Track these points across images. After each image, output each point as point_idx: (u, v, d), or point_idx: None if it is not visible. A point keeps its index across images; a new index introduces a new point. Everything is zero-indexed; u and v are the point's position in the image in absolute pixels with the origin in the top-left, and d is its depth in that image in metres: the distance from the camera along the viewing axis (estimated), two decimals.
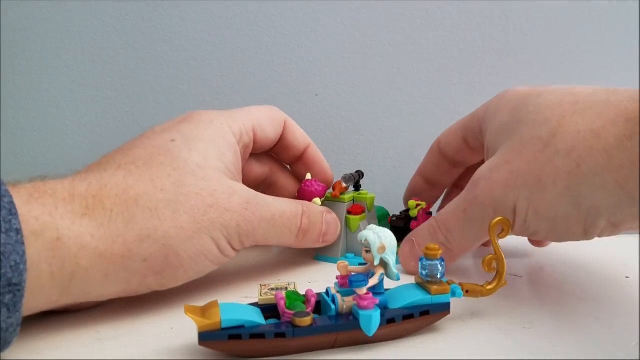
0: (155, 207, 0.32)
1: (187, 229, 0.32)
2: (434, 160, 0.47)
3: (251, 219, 0.35)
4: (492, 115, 0.38)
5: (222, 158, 0.36)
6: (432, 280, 0.31)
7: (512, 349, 0.30)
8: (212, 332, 0.28)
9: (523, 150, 0.33)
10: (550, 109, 0.33)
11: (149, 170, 0.33)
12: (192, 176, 0.34)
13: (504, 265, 0.32)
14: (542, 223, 0.33)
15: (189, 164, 0.34)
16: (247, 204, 0.35)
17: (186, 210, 0.32)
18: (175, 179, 0.33)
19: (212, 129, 0.37)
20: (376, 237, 0.30)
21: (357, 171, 0.48)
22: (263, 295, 0.35)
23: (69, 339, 0.31)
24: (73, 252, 0.29)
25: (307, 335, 0.28)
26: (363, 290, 0.29)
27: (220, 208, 0.34)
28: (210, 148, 0.36)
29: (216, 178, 0.35)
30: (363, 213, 0.46)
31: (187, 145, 0.35)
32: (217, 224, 0.33)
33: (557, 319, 0.33)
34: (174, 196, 0.32)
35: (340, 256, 0.45)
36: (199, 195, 0.33)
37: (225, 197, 0.34)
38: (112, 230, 0.30)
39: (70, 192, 0.30)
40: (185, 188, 0.33)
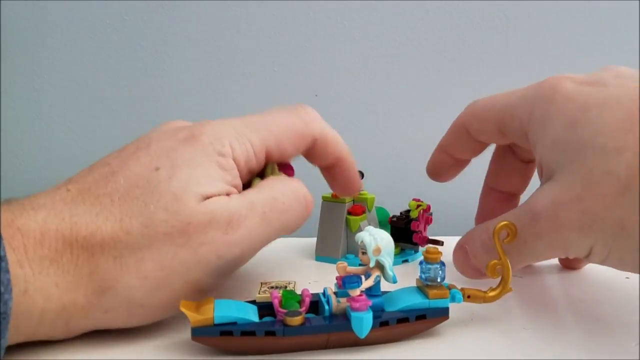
0: (119, 256, 0.29)
1: (152, 278, 0.30)
2: (460, 141, 0.41)
3: (235, 240, 0.31)
4: (540, 124, 0.33)
5: (210, 182, 0.32)
6: (432, 284, 0.31)
7: (512, 350, 0.30)
8: (205, 327, 0.28)
9: (596, 188, 0.29)
10: (620, 130, 0.29)
11: (122, 205, 0.30)
12: (163, 212, 0.30)
13: (509, 271, 0.31)
14: (627, 266, 0.30)
15: (163, 197, 0.30)
16: (227, 226, 0.31)
17: (152, 257, 0.30)
18: (145, 217, 0.30)
19: (208, 152, 0.33)
20: (372, 238, 0.30)
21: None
22: (261, 294, 0.35)
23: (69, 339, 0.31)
24: (39, 305, 0.28)
25: (297, 335, 0.28)
26: (356, 291, 0.28)
27: (194, 244, 0.30)
28: (197, 172, 0.32)
29: (190, 207, 0.30)
30: (363, 214, 0.46)
31: (170, 173, 0.31)
32: (190, 264, 0.30)
33: (557, 319, 0.33)
34: (140, 240, 0.30)
35: (340, 257, 0.45)
36: (168, 236, 0.30)
37: (201, 228, 0.30)
38: (77, 280, 0.29)
39: (42, 231, 0.29)
40: (153, 229, 0.30)
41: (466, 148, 0.41)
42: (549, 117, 0.33)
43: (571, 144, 0.31)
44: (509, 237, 0.32)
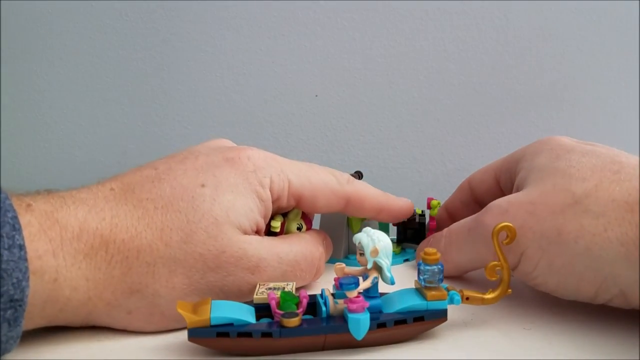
0: (153, 263, 0.31)
1: (178, 290, 0.31)
2: (461, 197, 0.45)
3: (255, 282, 0.34)
4: (529, 157, 0.37)
5: (248, 214, 0.34)
6: (430, 285, 0.30)
7: (512, 350, 0.30)
8: (201, 328, 0.28)
9: (551, 198, 0.33)
10: (591, 170, 0.33)
11: (164, 215, 0.32)
12: (203, 233, 0.32)
13: (509, 273, 0.31)
14: (553, 277, 0.32)
15: (205, 218, 0.32)
16: (254, 269, 0.33)
17: (184, 272, 0.31)
18: (185, 233, 0.32)
19: (250, 180, 0.35)
20: (369, 240, 0.30)
21: (356, 171, 0.48)
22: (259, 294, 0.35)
23: (69, 339, 0.31)
24: (66, 294, 0.29)
25: (294, 336, 0.28)
26: (353, 293, 0.28)
27: (223, 272, 0.32)
28: (238, 202, 0.34)
29: (228, 237, 0.33)
30: None
31: (214, 194, 0.33)
32: (214, 288, 0.32)
33: (557, 319, 0.33)
34: (177, 253, 0.31)
35: (342, 257, 0.45)
36: (202, 257, 0.32)
37: (232, 260, 0.33)
38: (107, 278, 0.30)
39: (81, 227, 0.30)
40: (191, 246, 0.32)
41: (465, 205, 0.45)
42: (538, 153, 0.37)
43: (547, 170, 0.35)
44: (508, 239, 0.32)
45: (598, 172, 0.33)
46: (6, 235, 0.26)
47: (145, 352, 0.29)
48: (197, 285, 0.32)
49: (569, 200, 0.32)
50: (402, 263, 0.45)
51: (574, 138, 0.38)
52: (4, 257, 0.26)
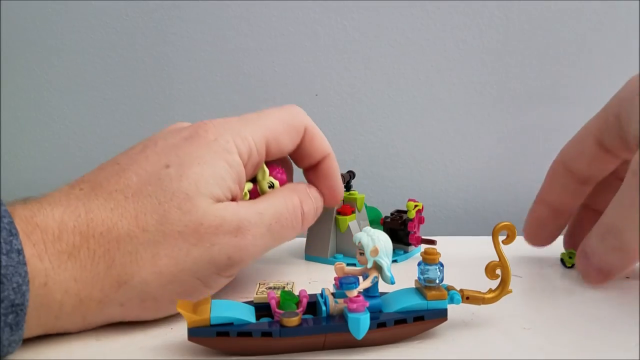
0: (135, 251, 0.31)
1: (166, 273, 0.31)
2: (559, 182, 0.41)
3: (243, 245, 0.33)
4: (630, 101, 0.34)
5: (219, 182, 0.33)
6: (430, 285, 0.30)
7: (512, 349, 0.30)
8: (201, 328, 0.28)
9: None
10: None
11: (135, 202, 0.32)
12: (176, 211, 0.32)
13: (509, 272, 0.31)
14: None
15: (176, 196, 0.32)
16: (237, 231, 0.33)
17: (167, 253, 0.31)
18: (159, 215, 0.32)
19: (215, 149, 0.34)
20: (369, 239, 0.30)
21: (348, 171, 0.48)
22: (259, 294, 0.35)
23: (69, 339, 0.31)
24: (58, 298, 0.29)
25: (294, 336, 0.28)
26: (353, 292, 0.28)
27: (205, 244, 0.32)
28: (206, 172, 0.33)
29: (203, 209, 0.32)
30: (352, 213, 0.46)
31: (180, 171, 0.33)
32: (202, 262, 0.32)
33: (557, 319, 0.33)
34: (155, 236, 0.31)
35: (328, 256, 0.45)
36: (182, 234, 0.31)
37: (212, 230, 0.32)
38: (93, 275, 0.30)
39: (60, 226, 0.30)
40: (168, 226, 0.31)
41: (566, 190, 0.40)
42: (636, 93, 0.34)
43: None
44: (508, 238, 0.32)
45: None
46: (4, 241, 0.26)
47: (145, 352, 0.29)
48: (183, 264, 0.31)
49: None
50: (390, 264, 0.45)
51: None
52: (2, 262, 0.26)
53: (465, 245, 0.48)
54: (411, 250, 0.47)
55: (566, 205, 0.41)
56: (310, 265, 0.45)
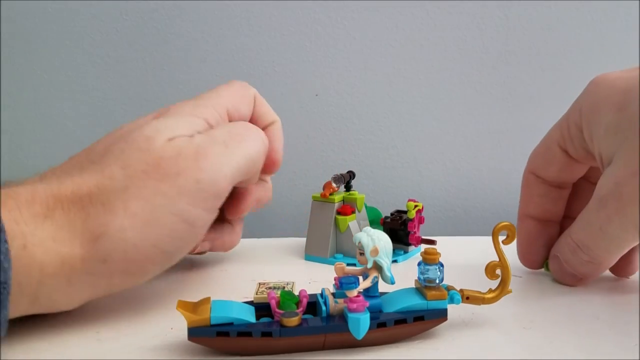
0: (107, 201, 0.30)
1: (140, 215, 0.30)
2: (535, 192, 0.40)
3: (208, 166, 0.32)
4: (591, 116, 0.35)
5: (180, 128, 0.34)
6: (430, 285, 0.30)
7: (512, 349, 0.30)
8: (201, 328, 0.28)
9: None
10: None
11: (102, 161, 0.32)
12: (137, 152, 0.32)
13: (509, 272, 0.31)
14: None
15: (136, 140, 0.32)
16: (196, 155, 0.32)
17: (136, 194, 0.31)
18: (122, 161, 0.32)
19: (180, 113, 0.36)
20: (369, 239, 0.30)
21: (348, 171, 0.48)
22: (259, 294, 0.35)
23: (69, 339, 0.31)
24: (38, 260, 0.29)
25: (294, 336, 0.28)
26: (353, 292, 0.28)
27: (171, 176, 0.31)
28: (169, 121, 0.34)
29: (161, 144, 0.32)
30: (352, 213, 0.46)
31: (142, 123, 0.34)
32: (171, 195, 0.31)
33: (557, 319, 0.33)
34: (122, 182, 0.31)
35: (329, 256, 0.45)
36: (146, 172, 0.31)
37: (172, 161, 0.32)
38: (71, 232, 0.30)
39: (33, 193, 0.30)
40: (131, 170, 0.31)
41: (545, 198, 0.40)
42: (597, 108, 0.34)
43: (621, 126, 0.33)
44: (508, 238, 0.32)
45: None
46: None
47: (145, 352, 0.29)
48: (154, 202, 0.31)
49: None
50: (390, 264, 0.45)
51: None
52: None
53: (465, 245, 0.48)
54: (411, 250, 0.47)
55: (550, 213, 0.40)
56: (310, 265, 0.45)
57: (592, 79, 0.36)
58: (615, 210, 0.33)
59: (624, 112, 0.33)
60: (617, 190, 0.32)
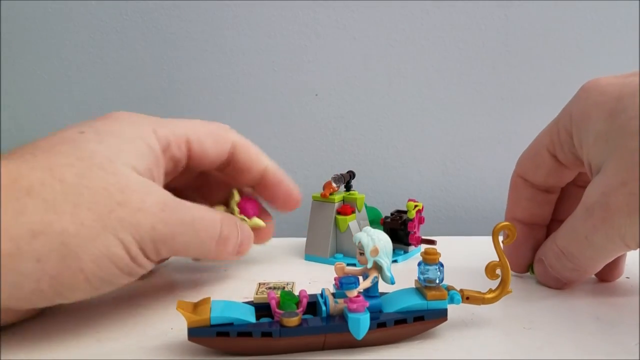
0: (52, 199, 0.28)
1: (89, 226, 0.28)
2: (523, 196, 0.39)
3: (169, 222, 0.31)
4: (582, 123, 0.34)
5: (140, 159, 0.32)
6: (430, 285, 0.30)
7: (512, 349, 0.30)
8: (201, 328, 0.28)
9: (637, 167, 0.30)
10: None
11: (47, 158, 0.29)
12: (99, 169, 0.30)
13: (509, 272, 0.31)
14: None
15: (96, 156, 0.30)
16: (164, 205, 0.31)
17: (90, 206, 0.28)
18: (78, 169, 0.29)
19: (132, 129, 0.33)
20: (369, 239, 0.30)
21: (348, 171, 0.48)
22: (259, 294, 0.35)
23: (69, 339, 0.31)
24: None
25: (294, 336, 0.28)
26: (353, 292, 0.28)
27: (132, 207, 0.30)
28: (125, 146, 0.32)
29: (127, 174, 0.30)
30: (352, 213, 0.46)
31: (98, 138, 0.31)
32: (126, 223, 0.29)
33: (557, 319, 0.33)
34: (76, 188, 0.28)
35: (329, 256, 0.45)
36: (106, 191, 0.29)
37: (139, 195, 0.30)
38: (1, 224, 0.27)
39: None
40: (90, 181, 0.29)
41: (533, 202, 0.40)
42: (587, 115, 0.34)
43: (611, 134, 0.32)
44: (508, 238, 0.32)
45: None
46: None
47: (145, 352, 0.29)
48: (107, 221, 0.29)
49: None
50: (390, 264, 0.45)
51: None
52: None
53: (465, 245, 0.48)
54: (411, 250, 0.47)
55: (538, 218, 0.40)
56: (310, 265, 0.45)
57: (583, 85, 0.36)
58: (601, 220, 0.32)
59: (614, 120, 0.32)
60: (604, 200, 0.32)
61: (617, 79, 0.34)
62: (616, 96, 0.32)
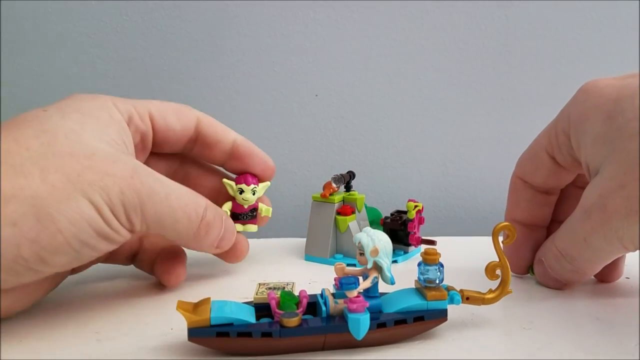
0: (19, 164, 0.28)
1: (60, 188, 0.28)
2: (522, 197, 0.39)
3: (138, 189, 0.31)
4: (580, 124, 0.34)
5: (104, 130, 0.32)
6: (430, 285, 0.30)
7: (512, 349, 0.30)
8: (201, 328, 0.28)
9: (635, 169, 0.30)
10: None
11: (13, 131, 0.30)
12: (64, 138, 0.30)
13: (509, 273, 0.31)
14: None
15: (60, 128, 0.30)
16: (133, 172, 0.31)
17: (57, 169, 0.29)
18: (44, 139, 0.29)
19: (94, 104, 0.33)
20: (369, 240, 0.30)
21: (348, 172, 0.48)
22: (259, 294, 0.35)
23: (69, 339, 0.31)
24: None
25: (294, 336, 0.28)
26: (353, 292, 0.28)
27: (100, 171, 0.30)
28: (89, 120, 0.32)
29: (94, 144, 0.31)
30: (352, 214, 0.46)
31: (61, 114, 0.31)
32: (95, 186, 0.29)
33: (557, 319, 0.33)
34: (43, 154, 0.29)
35: (329, 256, 0.45)
36: (73, 156, 0.29)
37: (106, 162, 0.30)
38: None
39: None
40: (57, 148, 0.29)
41: (532, 203, 0.39)
42: (585, 117, 0.34)
43: (609, 136, 0.32)
44: (508, 238, 0.32)
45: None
46: None
47: (145, 352, 0.29)
48: (77, 184, 0.29)
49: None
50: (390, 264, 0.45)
51: None
52: None
53: (465, 245, 0.48)
54: (411, 251, 0.47)
55: (537, 219, 0.40)
56: (310, 265, 0.45)
57: (582, 86, 0.35)
58: (599, 222, 0.32)
59: (612, 122, 0.32)
60: (602, 202, 0.32)
61: (616, 80, 0.34)
62: (614, 98, 0.32)
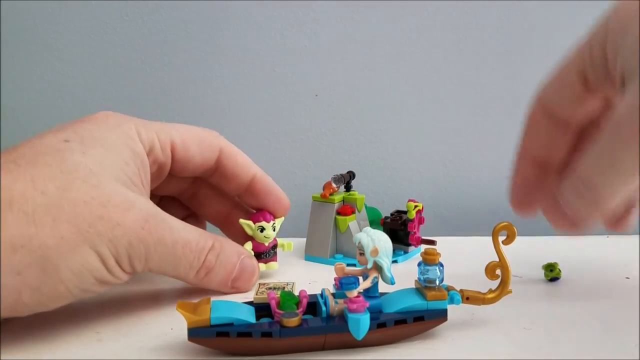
0: (32, 212, 0.28)
1: (68, 240, 0.29)
2: (541, 130, 0.34)
3: (146, 240, 0.31)
4: (619, 31, 0.30)
5: (124, 168, 0.32)
6: (430, 285, 0.30)
7: (512, 349, 0.30)
8: (201, 328, 0.28)
9: None
10: None
11: (31, 169, 0.29)
12: (82, 182, 0.30)
13: (509, 273, 0.31)
14: None
15: (80, 168, 0.30)
16: (144, 222, 0.31)
17: (69, 219, 0.29)
18: (60, 182, 0.29)
19: (117, 134, 0.33)
20: (369, 239, 0.30)
21: (348, 172, 0.48)
22: (259, 294, 0.35)
23: (69, 339, 0.31)
24: None
25: (294, 336, 0.28)
26: (353, 292, 0.28)
27: (112, 221, 0.30)
28: (110, 156, 0.32)
29: (111, 188, 0.31)
30: (352, 214, 0.46)
31: (82, 148, 0.31)
32: (104, 238, 0.30)
33: (557, 319, 0.33)
34: (57, 201, 0.29)
35: (329, 256, 0.45)
36: (87, 204, 0.30)
37: (120, 210, 0.30)
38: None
39: None
40: (72, 194, 0.29)
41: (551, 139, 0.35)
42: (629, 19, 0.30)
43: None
44: (508, 238, 0.32)
45: None
46: None
47: (145, 352, 0.29)
48: (86, 235, 0.29)
49: None
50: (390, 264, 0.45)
51: None
52: None
53: (465, 245, 0.48)
54: (411, 251, 0.47)
55: (552, 159, 0.35)
56: (310, 265, 0.45)
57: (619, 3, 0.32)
58: (630, 135, 0.28)
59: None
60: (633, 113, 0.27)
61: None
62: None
